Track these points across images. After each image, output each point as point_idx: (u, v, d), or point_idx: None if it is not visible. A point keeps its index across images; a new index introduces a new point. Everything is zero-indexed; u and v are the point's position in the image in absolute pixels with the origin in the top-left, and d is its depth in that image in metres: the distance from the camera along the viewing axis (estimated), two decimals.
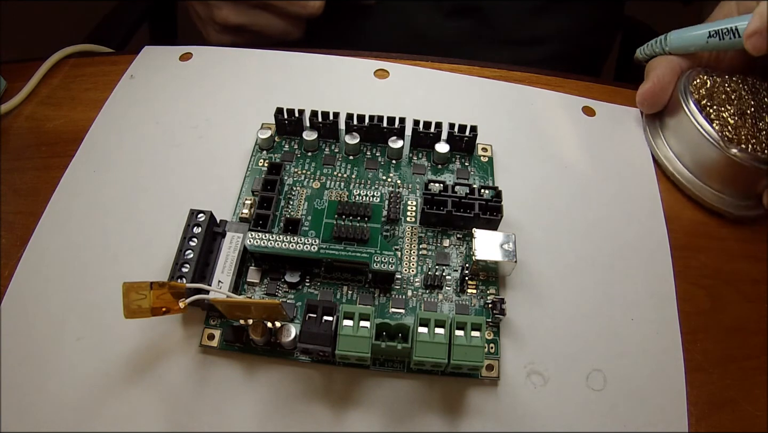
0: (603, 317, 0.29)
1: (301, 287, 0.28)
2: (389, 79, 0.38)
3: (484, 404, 0.26)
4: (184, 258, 0.27)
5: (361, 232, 0.28)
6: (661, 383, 0.27)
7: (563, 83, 0.39)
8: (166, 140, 0.34)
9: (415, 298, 0.28)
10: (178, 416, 0.25)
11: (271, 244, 0.27)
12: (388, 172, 0.33)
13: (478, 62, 0.39)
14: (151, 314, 0.24)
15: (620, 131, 0.36)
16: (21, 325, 0.27)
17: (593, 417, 0.26)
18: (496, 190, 0.30)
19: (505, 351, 0.27)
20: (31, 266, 0.29)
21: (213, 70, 0.38)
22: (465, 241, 0.30)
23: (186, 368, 0.26)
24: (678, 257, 0.31)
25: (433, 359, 0.24)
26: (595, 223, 0.32)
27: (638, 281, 0.30)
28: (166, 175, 0.32)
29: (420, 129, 0.33)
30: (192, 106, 0.36)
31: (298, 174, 0.32)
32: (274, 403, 0.25)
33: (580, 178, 0.34)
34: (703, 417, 0.26)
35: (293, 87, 0.37)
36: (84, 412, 0.25)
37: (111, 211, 0.31)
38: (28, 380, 0.26)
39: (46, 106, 0.36)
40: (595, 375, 0.27)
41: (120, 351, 0.26)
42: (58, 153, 0.33)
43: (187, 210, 0.28)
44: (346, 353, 0.24)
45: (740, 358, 0.28)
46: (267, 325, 0.26)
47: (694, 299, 0.30)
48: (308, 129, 0.33)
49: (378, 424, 0.25)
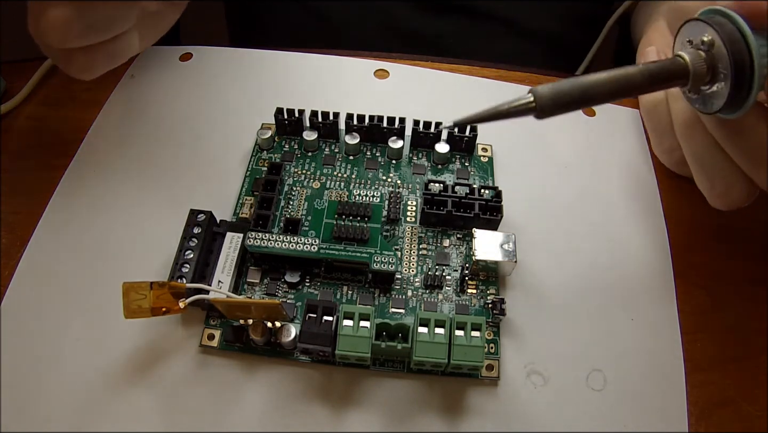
0: (603, 317, 0.29)
1: (301, 287, 0.28)
2: (389, 79, 0.38)
3: (484, 404, 0.26)
4: (184, 258, 0.27)
5: (361, 232, 0.28)
6: (661, 383, 0.27)
7: None
8: (166, 140, 0.34)
9: (415, 298, 0.28)
10: (178, 416, 0.25)
11: (271, 244, 0.27)
12: (388, 172, 0.33)
13: (478, 62, 0.39)
14: (151, 314, 0.24)
15: (620, 131, 0.36)
16: (21, 325, 0.27)
17: (593, 417, 0.26)
18: (496, 191, 0.30)
19: (505, 351, 0.27)
20: (31, 266, 0.29)
21: (213, 70, 0.38)
22: (465, 241, 0.30)
23: (186, 368, 0.26)
24: (678, 257, 0.31)
25: (433, 359, 0.24)
26: (595, 223, 0.32)
27: (638, 281, 0.30)
28: (166, 175, 0.32)
29: (420, 129, 0.33)
30: (192, 106, 0.36)
31: (298, 174, 0.32)
32: (274, 403, 0.25)
33: (580, 178, 0.34)
34: (703, 417, 0.26)
35: (293, 87, 0.37)
36: (84, 412, 0.25)
37: (111, 211, 0.31)
38: (28, 380, 0.26)
39: (46, 106, 0.36)
40: (595, 375, 0.27)
41: (120, 351, 0.26)
42: (58, 153, 0.33)
43: (187, 210, 0.28)
44: (346, 353, 0.24)
45: (740, 358, 0.28)
46: (267, 325, 0.26)
47: (694, 299, 0.30)
48: (308, 129, 0.33)
49: (378, 424, 0.25)
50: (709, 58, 0.23)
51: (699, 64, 0.23)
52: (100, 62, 0.28)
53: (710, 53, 0.23)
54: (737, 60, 0.22)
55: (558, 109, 0.22)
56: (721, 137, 0.25)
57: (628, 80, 0.22)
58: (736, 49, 0.22)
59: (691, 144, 0.28)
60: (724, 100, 0.23)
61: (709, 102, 0.24)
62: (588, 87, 0.22)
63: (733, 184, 0.26)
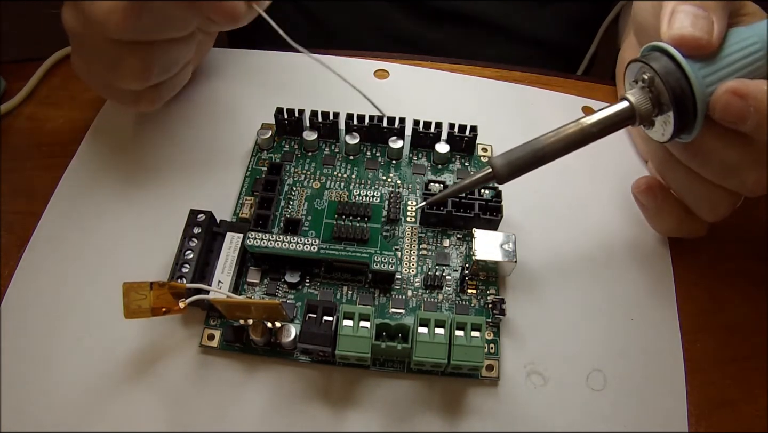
0: (603, 317, 0.29)
1: (301, 287, 0.28)
2: (389, 79, 0.38)
3: (484, 404, 0.26)
4: (184, 258, 0.27)
5: (361, 232, 0.28)
6: (661, 383, 0.27)
7: (563, 83, 0.39)
8: (166, 140, 0.34)
9: (415, 298, 0.28)
10: (178, 416, 0.25)
11: (271, 244, 0.27)
12: (388, 172, 0.33)
13: (478, 62, 0.39)
14: (151, 314, 0.24)
15: (620, 131, 0.36)
16: (21, 325, 0.27)
17: (593, 417, 0.26)
18: (496, 191, 0.30)
19: (505, 351, 0.27)
20: (31, 266, 0.29)
21: (213, 70, 0.38)
22: (465, 241, 0.30)
23: (186, 368, 0.26)
24: (678, 257, 0.31)
25: (433, 359, 0.24)
26: (595, 223, 0.32)
27: (638, 281, 0.30)
28: (166, 175, 0.32)
29: (420, 129, 0.33)
30: (192, 106, 0.36)
31: (298, 174, 0.32)
32: (274, 403, 0.25)
33: (580, 179, 0.34)
34: (703, 417, 0.26)
35: (293, 87, 0.37)
36: (84, 412, 0.25)
37: (111, 211, 0.31)
38: (28, 380, 0.26)
39: (46, 106, 0.36)
40: (595, 375, 0.27)
41: (120, 351, 0.26)
42: (58, 153, 0.33)
43: (187, 210, 0.28)
44: (346, 353, 0.24)
45: (740, 358, 0.28)
46: (267, 325, 0.26)
47: (694, 299, 0.30)
48: (308, 129, 0.33)
49: (378, 424, 0.25)
50: (653, 93, 0.24)
51: (643, 102, 0.24)
52: (165, 95, 0.31)
53: (653, 88, 0.24)
54: (674, 89, 0.23)
55: (514, 173, 0.25)
56: (687, 160, 0.27)
57: (578, 135, 0.25)
58: (672, 80, 0.23)
59: (670, 177, 0.29)
60: (673, 128, 0.24)
61: (664, 131, 0.25)
62: (538, 149, 0.25)
63: (716, 200, 0.27)
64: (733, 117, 0.23)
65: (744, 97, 0.22)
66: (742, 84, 0.23)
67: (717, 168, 0.26)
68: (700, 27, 0.23)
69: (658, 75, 0.23)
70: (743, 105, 0.22)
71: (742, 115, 0.22)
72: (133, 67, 0.27)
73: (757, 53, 0.24)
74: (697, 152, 0.26)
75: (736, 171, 0.25)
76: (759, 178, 0.25)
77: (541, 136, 0.25)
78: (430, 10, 0.47)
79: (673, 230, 0.30)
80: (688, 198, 0.29)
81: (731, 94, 0.22)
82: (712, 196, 0.27)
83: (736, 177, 0.25)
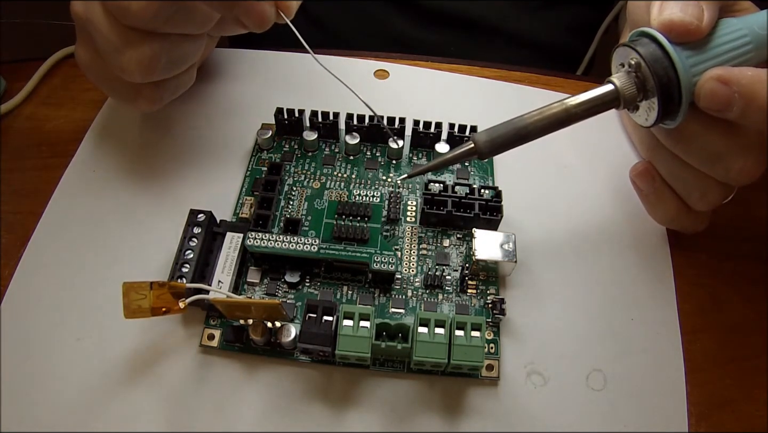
0: (603, 317, 0.29)
1: (301, 287, 0.28)
2: (389, 79, 0.38)
3: (484, 404, 0.26)
4: (184, 258, 0.27)
5: (361, 232, 0.28)
6: (661, 383, 0.27)
7: (563, 83, 0.39)
8: (166, 140, 0.34)
9: (415, 298, 0.28)
10: (178, 416, 0.25)
11: (271, 244, 0.27)
12: (388, 172, 0.33)
13: (478, 62, 0.39)
14: (151, 314, 0.24)
15: (621, 131, 0.36)
16: (21, 325, 0.27)
17: (593, 417, 0.26)
18: (496, 191, 0.30)
19: (505, 351, 0.27)
20: (31, 266, 0.29)
21: (213, 70, 0.38)
22: (465, 241, 0.30)
23: (186, 368, 0.26)
24: (678, 257, 0.31)
25: (433, 359, 0.24)
26: (595, 223, 0.32)
27: (638, 281, 0.30)
28: (166, 175, 0.32)
29: (420, 129, 0.33)
30: (192, 106, 0.36)
31: (298, 174, 0.32)
32: (274, 403, 0.25)
33: (580, 178, 0.34)
34: (703, 417, 0.26)
35: (293, 87, 0.37)
36: (84, 412, 0.25)
37: (111, 211, 0.31)
38: (28, 380, 0.26)
39: (46, 106, 0.36)
40: (595, 375, 0.27)
41: (120, 351, 0.26)
42: (58, 153, 0.33)
43: (187, 210, 0.28)
44: (346, 353, 0.24)
45: (740, 358, 0.28)
46: (267, 325, 0.26)
47: (694, 299, 0.30)
48: (308, 129, 0.33)
49: (378, 424, 0.25)
50: (639, 78, 0.24)
51: (628, 86, 0.25)
52: (165, 96, 0.30)
53: (639, 73, 0.24)
54: (660, 75, 0.23)
55: (496, 149, 0.25)
56: (672, 146, 0.27)
57: (561, 114, 0.25)
58: (658, 66, 0.23)
59: (659, 163, 0.29)
60: (657, 114, 0.24)
61: (648, 116, 0.25)
62: (521, 127, 0.25)
63: (705, 188, 0.27)
64: (718, 104, 0.23)
65: (728, 84, 0.22)
66: (726, 71, 0.23)
67: (702, 155, 0.26)
68: (689, 13, 0.23)
69: (644, 60, 0.24)
70: (728, 91, 0.22)
71: (727, 101, 0.23)
72: (141, 56, 0.26)
73: (746, 45, 0.24)
74: (682, 138, 0.26)
75: (721, 158, 0.25)
76: (743, 166, 0.25)
77: (525, 114, 0.25)
78: (430, 14, 0.47)
79: (672, 219, 0.30)
80: (677, 185, 0.29)
81: (716, 80, 0.23)
82: (701, 184, 0.27)
83: (720, 164, 0.25)
